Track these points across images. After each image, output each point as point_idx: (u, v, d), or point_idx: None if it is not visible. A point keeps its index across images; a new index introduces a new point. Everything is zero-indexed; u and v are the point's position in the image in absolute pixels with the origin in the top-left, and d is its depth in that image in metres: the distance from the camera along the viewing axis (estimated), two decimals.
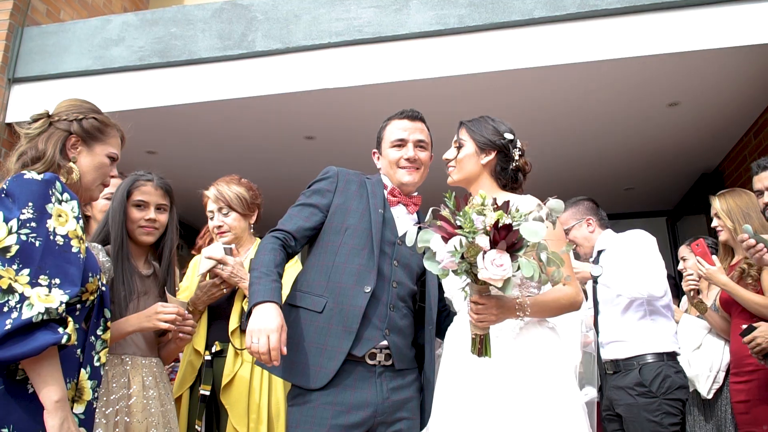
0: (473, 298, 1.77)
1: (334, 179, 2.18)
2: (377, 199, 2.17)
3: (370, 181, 2.22)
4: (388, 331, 2.02)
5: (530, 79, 4.16)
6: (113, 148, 1.90)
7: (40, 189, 1.60)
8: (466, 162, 2.14)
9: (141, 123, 4.66)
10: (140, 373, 2.16)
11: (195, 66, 4.37)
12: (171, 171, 2.42)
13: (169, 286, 2.30)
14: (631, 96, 4.46)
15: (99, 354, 1.75)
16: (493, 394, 1.84)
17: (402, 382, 2.04)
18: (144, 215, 2.27)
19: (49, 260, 1.55)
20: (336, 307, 1.99)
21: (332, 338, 1.96)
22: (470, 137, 2.16)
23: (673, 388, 2.90)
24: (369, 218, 2.11)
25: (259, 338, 1.79)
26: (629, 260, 2.99)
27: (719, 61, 4.04)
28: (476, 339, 1.78)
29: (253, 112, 4.57)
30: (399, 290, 2.09)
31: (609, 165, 5.77)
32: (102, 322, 1.78)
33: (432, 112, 4.70)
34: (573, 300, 1.99)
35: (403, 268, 2.13)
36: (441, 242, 1.64)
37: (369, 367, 1.99)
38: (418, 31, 4.03)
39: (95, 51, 4.49)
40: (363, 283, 2.02)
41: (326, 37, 4.15)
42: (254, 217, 2.78)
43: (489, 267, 1.58)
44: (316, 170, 5.75)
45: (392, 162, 2.22)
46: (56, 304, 1.50)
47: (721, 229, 3.19)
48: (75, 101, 1.92)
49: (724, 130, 5.12)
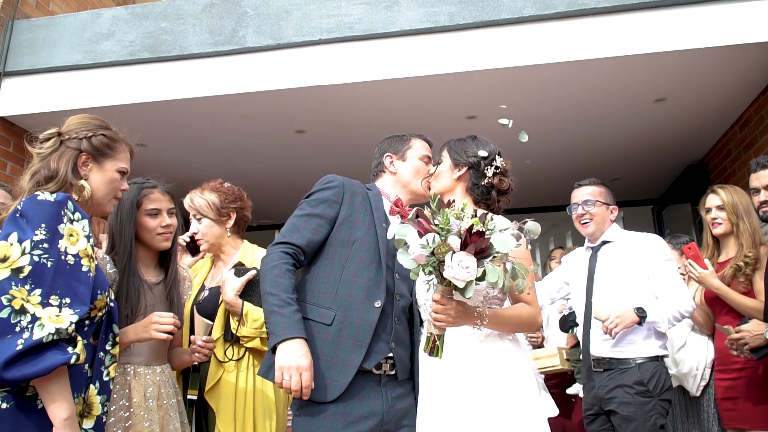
0: (435, 297, 1.83)
1: (340, 190, 2.18)
2: (380, 213, 2.21)
3: (372, 194, 2.26)
4: (393, 343, 2.07)
5: (520, 76, 4.20)
6: (123, 163, 1.93)
7: (53, 210, 1.64)
8: (441, 176, 2.24)
9: (131, 117, 4.66)
10: (142, 384, 2.16)
11: (185, 61, 4.36)
12: (161, 166, 2.44)
13: (176, 289, 2.33)
14: (620, 93, 4.52)
15: (108, 369, 1.80)
16: (455, 401, 1.92)
17: (404, 390, 2.09)
18: (160, 222, 2.28)
19: (60, 280, 1.59)
20: (345, 321, 2.01)
21: (342, 351, 1.98)
22: (448, 154, 2.26)
23: (665, 388, 2.92)
24: (375, 232, 2.13)
25: (292, 376, 1.84)
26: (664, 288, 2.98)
27: (705, 60, 4.09)
28: (431, 338, 1.85)
29: (243, 107, 4.57)
30: (402, 303, 2.14)
31: (596, 157, 5.84)
32: (111, 337, 1.83)
33: (422, 110, 4.81)
34: (533, 320, 2.07)
35: (403, 281, 2.16)
36: (416, 236, 1.72)
37: (375, 377, 2.03)
38: (409, 28, 4.05)
39: (85, 45, 4.46)
40: (373, 298, 2.05)
41: (317, 33, 4.16)
42: (230, 221, 2.74)
43: (455, 266, 1.66)
44: (307, 164, 5.78)
45: (421, 172, 2.33)
46: (66, 324, 1.55)
47: (721, 222, 3.19)
48: (84, 118, 1.94)
49: (709, 125, 5.20)
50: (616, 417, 2.90)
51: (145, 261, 2.33)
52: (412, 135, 2.40)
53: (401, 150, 2.37)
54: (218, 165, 5.62)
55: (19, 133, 4.65)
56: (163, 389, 2.22)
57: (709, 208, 3.25)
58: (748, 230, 3.13)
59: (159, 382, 2.22)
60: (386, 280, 2.09)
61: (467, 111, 4.67)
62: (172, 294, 2.32)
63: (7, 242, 1.58)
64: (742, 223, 3.14)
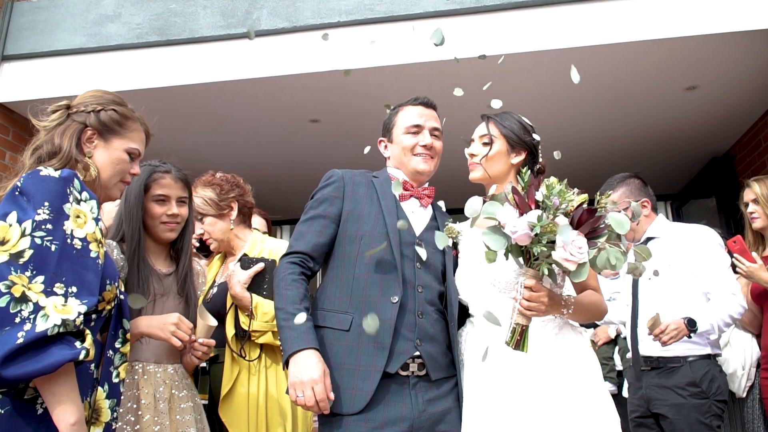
0: (528, 283, 1.67)
1: (340, 183, 2.02)
2: (388, 200, 2.00)
3: (378, 180, 2.06)
4: (419, 341, 1.87)
5: (549, 61, 4.00)
6: (134, 143, 1.73)
7: (58, 187, 1.44)
8: (496, 160, 2.02)
9: (138, 104, 4.44)
10: (152, 384, 1.97)
11: (196, 45, 4.18)
12: (168, 154, 2.26)
13: (190, 283, 2.13)
14: (650, 79, 4.32)
15: (118, 369, 1.59)
16: (534, 396, 1.76)
17: (438, 392, 1.89)
18: (166, 210, 2.09)
19: (66, 266, 1.39)
20: (364, 323, 1.85)
21: (364, 357, 1.82)
22: (501, 134, 2.04)
23: (721, 389, 2.75)
24: (384, 222, 1.95)
25: (304, 391, 1.71)
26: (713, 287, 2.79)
27: (739, 45, 3.92)
28: (517, 329, 1.69)
29: (256, 93, 4.38)
30: (426, 294, 1.93)
31: (620, 148, 5.65)
32: (121, 334, 1.62)
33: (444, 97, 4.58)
34: (604, 308, 1.98)
35: (427, 270, 1.97)
36: (512, 214, 1.56)
37: (402, 379, 1.84)
38: (433, 10, 3.86)
39: (89, 28, 4.27)
40: (389, 294, 1.87)
41: (335, 15, 3.96)
42: (233, 212, 2.59)
43: (569, 246, 1.51)
44: (321, 155, 5.59)
45: (406, 148, 2.06)
46: (73, 315, 1.35)
47: (758, 217, 3.05)
48: (97, 92, 1.75)
49: (738, 115, 5.01)
50: (667, 421, 2.72)
51: (154, 251, 2.14)
52: (401, 104, 2.16)
53: (389, 130, 2.15)
54: (227, 155, 5.44)
55: (18, 121, 4.47)
56: (175, 390, 2.03)
57: (746, 203, 3.13)
58: None
59: (171, 382, 2.03)
60: (403, 272, 1.90)
61: (494, 96, 4.46)
62: (186, 287, 2.12)
63: (5, 223, 1.39)
64: None
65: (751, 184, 3.10)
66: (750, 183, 3.12)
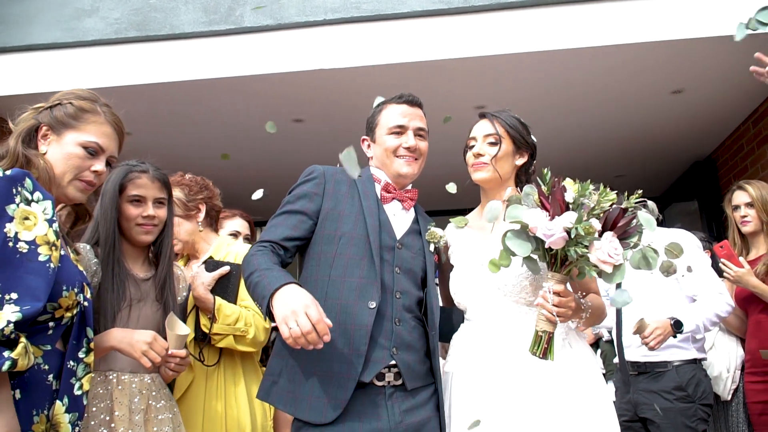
0: (557, 288, 1.62)
1: (321, 180, 1.92)
2: (370, 201, 1.92)
3: (360, 179, 1.97)
4: (395, 349, 1.79)
5: (535, 62, 3.97)
6: (89, 136, 1.62)
7: (1, 187, 1.35)
8: (504, 161, 1.97)
9: (116, 101, 4.32)
10: (127, 395, 1.87)
11: (176, 41, 4.05)
12: (146, 153, 2.17)
13: (169, 289, 2.04)
14: (636, 82, 4.32)
15: (81, 381, 1.50)
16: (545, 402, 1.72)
17: (415, 401, 1.80)
18: (141, 212, 1.99)
19: (7, 270, 1.31)
20: (339, 328, 1.74)
21: (339, 364, 1.72)
22: (507, 134, 1.98)
23: (706, 393, 2.77)
24: (364, 223, 1.86)
25: (297, 319, 1.53)
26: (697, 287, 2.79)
27: (725, 49, 3.91)
28: (544, 337, 1.63)
29: (238, 92, 4.28)
30: (404, 300, 1.85)
31: (604, 151, 5.66)
32: (85, 343, 1.53)
33: (430, 98, 4.52)
34: (605, 312, 1.99)
35: (406, 275, 1.88)
36: (543, 218, 1.52)
37: (377, 390, 1.76)
38: (420, 9, 3.79)
39: (66, 22, 4.13)
40: (366, 298, 1.78)
41: (321, 13, 3.88)
42: (200, 213, 2.52)
43: (606, 248, 1.49)
44: (304, 155, 5.49)
45: (389, 150, 1.97)
46: (1, 324, 1.25)
47: (750, 220, 3.03)
48: (72, 90, 1.68)
49: (721, 119, 5.04)
50: (654, 425, 2.73)
51: (131, 254, 2.04)
52: (385, 101, 2.06)
53: (372, 129, 2.05)
54: (208, 154, 5.32)
55: None
56: (152, 401, 1.93)
57: (737, 206, 3.10)
58: None
59: (148, 392, 1.93)
60: (382, 277, 1.81)
61: (477, 100, 4.43)
62: (165, 293, 2.03)
63: None
64: None
65: (745, 187, 3.06)
66: (743, 186, 3.08)
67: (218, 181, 2.73)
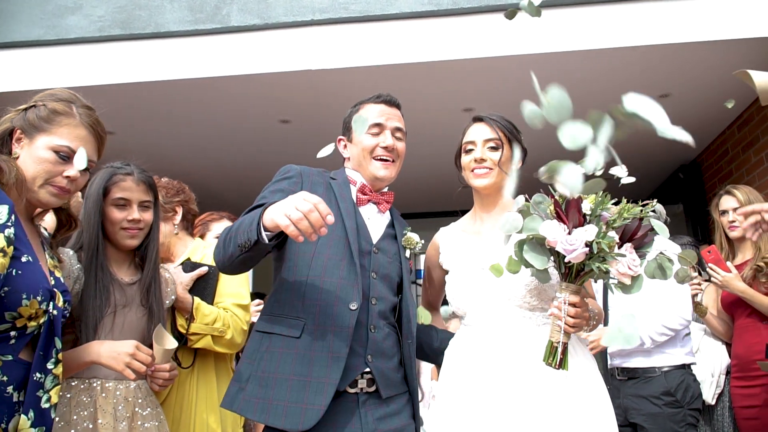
0: (573, 299, 1.60)
1: (298, 179, 1.87)
2: (347, 203, 1.87)
3: (336, 182, 1.92)
4: (370, 356, 1.74)
5: (523, 65, 3.95)
6: (62, 140, 1.57)
7: None
8: (506, 167, 1.95)
9: (98, 100, 4.24)
10: (111, 402, 1.82)
11: (161, 40, 3.98)
12: (130, 154, 2.13)
13: (154, 294, 1.99)
14: (624, 86, 4.31)
15: (49, 393, 1.45)
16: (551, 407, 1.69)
17: (389, 409, 1.76)
18: (126, 215, 1.95)
19: None
20: (317, 330, 1.68)
21: (317, 367, 1.65)
22: (506, 138, 1.97)
23: (695, 397, 2.79)
24: (343, 225, 1.80)
25: (296, 206, 1.42)
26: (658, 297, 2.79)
27: (711, 54, 3.93)
28: (559, 348, 1.61)
29: (224, 92, 4.22)
30: (379, 307, 1.80)
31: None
32: (53, 354, 1.47)
33: (417, 100, 4.53)
34: (603, 315, 1.97)
35: (383, 280, 1.84)
36: (562, 231, 1.50)
37: (350, 397, 1.71)
38: (409, 11, 3.76)
39: (48, 19, 4.04)
40: (347, 300, 1.71)
41: (308, 13, 3.83)
42: (177, 216, 2.52)
43: (626, 261, 1.49)
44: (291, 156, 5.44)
45: (366, 150, 1.92)
46: None
47: (738, 225, 3.02)
48: (51, 90, 1.63)
49: (707, 123, 5.07)
50: (644, 431, 2.73)
51: (116, 258, 2.00)
52: (363, 101, 2.01)
53: (349, 129, 1.99)
54: (193, 155, 5.24)
55: None
56: (138, 408, 1.88)
57: (725, 210, 3.09)
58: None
59: (134, 399, 1.88)
60: (360, 281, 1.76)
61: (465, 102, 4.41)
62: (150, 297, 1.98)
63: None
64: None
65: (733, 192, 3.05)
66: (731, 191, 3.07)
67: (204, 182, 2.69)
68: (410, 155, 1.99)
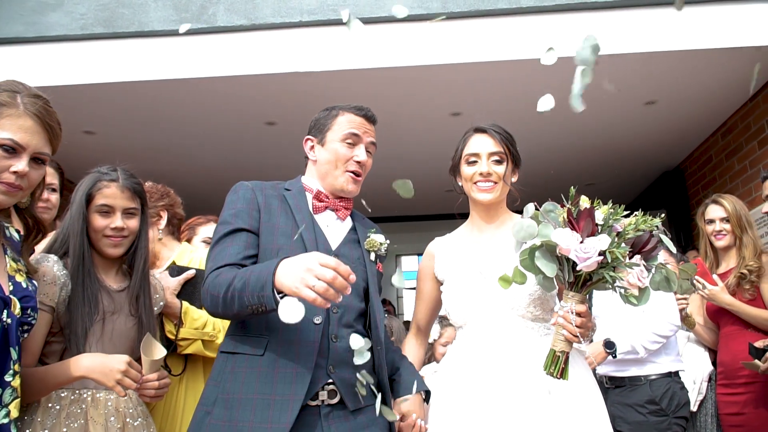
0: (579, 308, 1.59)
1: (252, 195, 1.80)
2: (303, 214, 1.81)
3: (291, 193, 1.86)
4: (332, 367, 1.69)
5: (512, 70, 3.96)
6: (4, 132, 1.45)
7: None
8: (509, 180, 1.95)
9: (80, 99, 4.17)
10: (102, 414, 1.77)
11: (145, 39, 3.92)
12: (110, 156, 2.06)
13: (143, 304, 1.93)
14: (611, 93, 4.34)
15: (8, 408, 1.38)
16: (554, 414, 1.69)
17: (357, 422, 1.69)
18: (109, 223, 1.88)
19: None
20: (280, 347, 1.64)
21: (281, 385, 1.60)
22: (509, 152, 1.96)
23: (681, 405, 2.80)
24: (300, 236, 1.75)
25: (315, 274, 1.40)
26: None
27: (697, 63, 3.98)
28: (561, 357, 1.60)
29: (209, 93, 4.16)
30: (342, 315, 1.74)
31: (576, 159, 5.69)
32: (11, 365, 1.40)
33: (405, 104, 4.51)
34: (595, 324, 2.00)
35: None
36: (575, 239, 1.49)
37: (311, 410, 1.64)
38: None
39: (28, 16, 3.95)
40: (311, 314, 1.65)
41: (297, 14, 3.79)
42: (161, 221, 2.46)
43: (636, 272, 1.50)
44: (276, 159, 5.38)
45: (340, 159, 1.84)
46: None
47: (725, 234, 3.04)
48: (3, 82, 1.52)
49: (691, 131, 5.12)
50: None
51: (103, 265, 1.94)
52: (342, 108, 1.92)
53: (323, 131, 1.89)
54: (177, 157, 5.17)
55: None
56: (129, 419, 1.83)
57: (712, 220, 3.09)
58: (752, 242, 3.00)
59: (125, 410, 1.82)
60: None
61: (453, 107, 4.40)
62: (139, 306, 1.92)
63: None
64: (746, 235, 3.02)
65: (721, 202, 3.06)
66: (719, 200, 3.07)
67: (187, 185, 2.64)
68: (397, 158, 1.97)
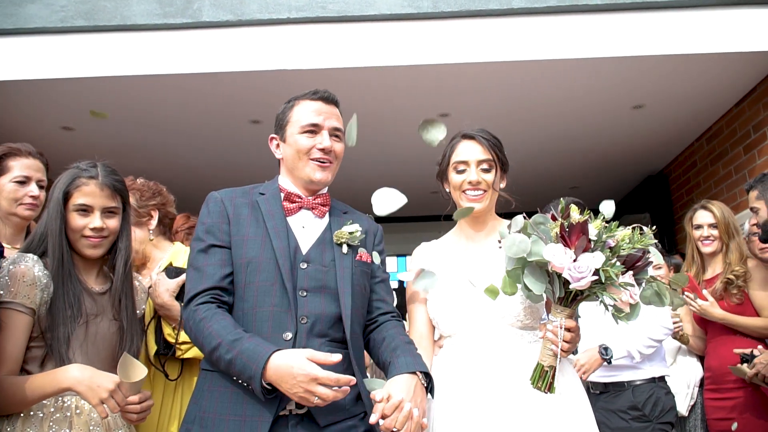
0: (569, 324, 1.57)
1: (221, 207, 1.74)
2: (276, 220, 1.74)
3: (264, 198, 1.79)
4: None
5: (500, 72, 3.94)
6: None
7: None
8: (498, 187, 1.92)
9: (58, 94, 4.06)
10: (85, 422, 1.70)
11: (128, 33, 3.82)
12: (89, 154, 1.97)
13: (126, 307, 1.85)
14: (600, 96, 4.35)
15: None
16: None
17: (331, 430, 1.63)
18: (88, 223, 1.78)
19: None
20: None
21: (251, 405, 1.56)
22: (498, 158, 1.91)
23: (665, 410, 2.79)
24: (271, 246, 1.69)
25: (315, 393, 1.46)
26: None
27: (687, 66, 4.00)
28: (549, 372, 1.58)
29: (193, 89, 4.08)
30: (312, 324, 1.66)
31: (560, 162, 5.70)
32: None
33: (393, 104, 4.46)
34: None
35: (317, 294, 1.69)
36: (568, 257, 1.47)
37: (280, 421, 1.58)
38: (388, 12, 3.69)
39: (6, 7, 3.82)
40: (281, 329, 1.61)
41: (284, 11, 3.72)
42: (153, 220, 2.36)
43: (630, 288, 1.48)
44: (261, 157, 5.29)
45: (301, 151, 1.76)
46: None
47: (713, 240, 3.04)
48: None
49: (676, 135, 5.15)
50: None
51: (84, 266, 1.85)
52: (298, 97, 1.86)
53: (284, 126, 1.82)
54: (159, 154, 5.07)
55: None
56: (115, 429, 1.77)
57: (700, 225, 3.08)
58: (738, 249, 3.01)
59: (108, 420, 1.74)
60: (293, 303, 1.64)
61: (441, 108, 4.36)
62: (122, 309, 1.84)
63: None
64: (733, 242, 3.02)
65: (709, 208, 3.05)
66: (707, 206, 3.07)
67: (169, 183, 2.55)
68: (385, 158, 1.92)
